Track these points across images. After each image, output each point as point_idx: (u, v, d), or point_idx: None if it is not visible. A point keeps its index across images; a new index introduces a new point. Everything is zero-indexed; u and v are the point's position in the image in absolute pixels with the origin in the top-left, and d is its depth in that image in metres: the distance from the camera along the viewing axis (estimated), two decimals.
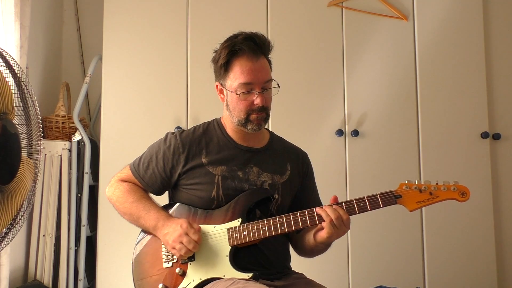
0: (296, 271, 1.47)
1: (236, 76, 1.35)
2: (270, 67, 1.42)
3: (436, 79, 2.37)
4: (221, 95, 1.43)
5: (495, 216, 2.33)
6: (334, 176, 2.29)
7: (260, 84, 1.35)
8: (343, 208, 1.27)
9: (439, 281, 2.26)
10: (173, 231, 1.29)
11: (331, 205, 1.28)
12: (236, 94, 1.35)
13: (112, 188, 1.46)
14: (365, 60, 2.36)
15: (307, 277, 1.45)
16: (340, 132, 2.29)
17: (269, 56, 1.43)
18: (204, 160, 1.40)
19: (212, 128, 1.47)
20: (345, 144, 2.32)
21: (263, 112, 1.37)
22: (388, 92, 2.36)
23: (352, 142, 2.31)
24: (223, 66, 1.38)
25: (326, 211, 1.26)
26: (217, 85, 1.44)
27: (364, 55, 2.36)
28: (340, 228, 1.26)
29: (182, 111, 2.30)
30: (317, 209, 1.28)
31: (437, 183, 1.26)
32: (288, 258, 1.47)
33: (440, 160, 2.32)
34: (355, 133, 2.29)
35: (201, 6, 2.35)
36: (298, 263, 1.50)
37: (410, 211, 1.27)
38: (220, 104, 2.29)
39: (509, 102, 2.40)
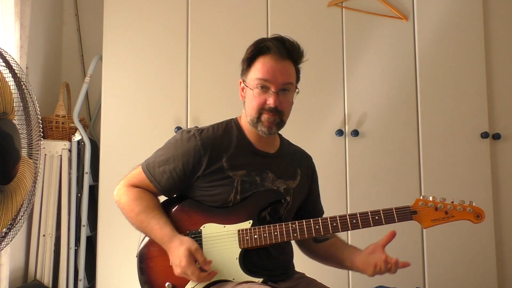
0: (297, 270, 1.47)
1: (256, 72, 1.33)
2: (298, 76, 1.39)
3: (436, 79, 2.37)
4: (242, 93, 1.40)
5: (495, 216, 2.32)
6: (334, 176, 2.29)
7: (277, 85, 1.31)
8: (394, 267, 1.32)
9: (439, 281, 2.26)
10: (175, 266, 1.25)
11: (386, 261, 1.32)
12: (252, 89, 1.33)
13: (120, 192, 1.38)
14: (365, 60, 2.36)
15: (308, 276, 1.44)
16: (340, 132, 2.29)
17: (300, 65, 1.39)
18: (225, 164, 1.34)
19: (231, 130, 1.41)
20: (345, 144, 2.32)
21: (276, 115, 1.33)
22: (388, 92, 2.36)
23: (352, 142, 2.31)
24: (246, 61, 1.36)
25: (379, 266, 1.33)
26: (240, 82, 1.41)
27: (364, 55, 2.36)
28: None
29: (182, 111, 2.30)
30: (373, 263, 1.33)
31: (452, 202, 1.26)
32: (292, 258, 1.47)
33: (440, 160, 2.32)
34: (355, 133, 2.29)
35: (201, 7, 2.35)
36: (298, 262, 1.50)
37: (425, 228, 1.28)
38: (221, 104, 2.29)
39: (509, 102, 2.40)
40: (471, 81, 2.37)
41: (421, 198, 1.27)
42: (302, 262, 1.50)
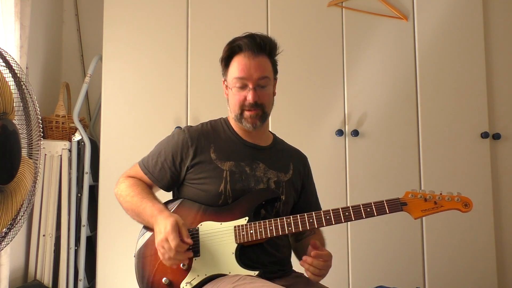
0: (296, 270, 1.47)
1: (233, 71, 1.41)
2: (274, 68, 1.46)
3: (436, 79, 2.37)
4: (226, 91, 1.48)
5: (495, 216, 2.33)
6: (334, 176, 2.29)
7: (253, 81, 1.39)
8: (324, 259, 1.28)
9: (439, 281, 2.26)
10: (158, 233, 1.26)
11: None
12: (232, 88, 1.41)
13: (118, 184, 1.47)
14: (365, 60, 2.36)
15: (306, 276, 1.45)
16: (340, 132, 2.29)
17: (276, 57, 1.46)
18: (212, 155, 1.42)
19: (219, 125, 1.51)
20: (345, 144, 2.32)
21: (258, 109, 1.40)
22: (388, 92, 2.36)
23: (352, 142, 2.31)
24: (223, 61, 1.45)
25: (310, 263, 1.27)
26: (223, 81, 1.49)
27: (364, 55, 2.37)
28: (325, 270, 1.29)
29: (182, 111, 2.30)
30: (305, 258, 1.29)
31: (441, 193, 1.30)
32: (289, 256, 1.48)
33: (440, 160, 2.32)
34: (355, 133, 2.29)
35: (201, 8, 2.36)
36: (297, 262, 1.50)
37: (415, 219, 1.31)
38: (220, 104, 2.30)
39: (509, 102, 2.40)
40: (471, 81, 2.37)
41: (410, 191, 1.31)
42: None
